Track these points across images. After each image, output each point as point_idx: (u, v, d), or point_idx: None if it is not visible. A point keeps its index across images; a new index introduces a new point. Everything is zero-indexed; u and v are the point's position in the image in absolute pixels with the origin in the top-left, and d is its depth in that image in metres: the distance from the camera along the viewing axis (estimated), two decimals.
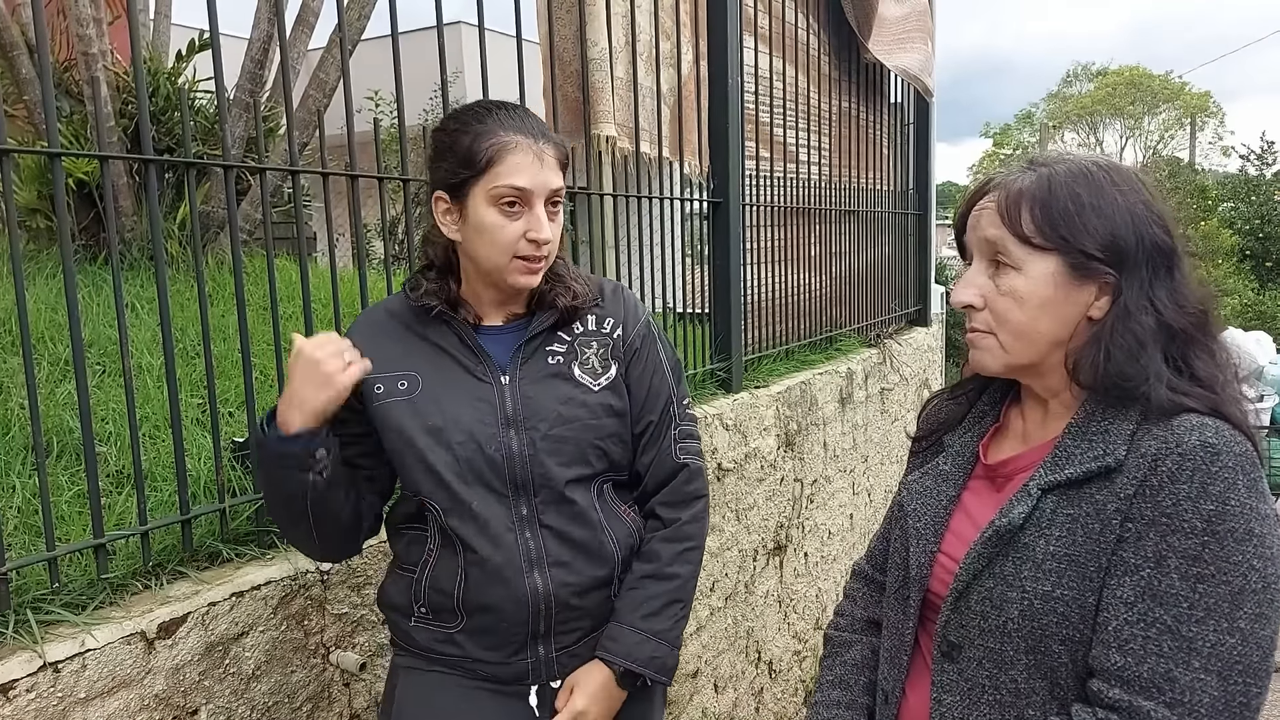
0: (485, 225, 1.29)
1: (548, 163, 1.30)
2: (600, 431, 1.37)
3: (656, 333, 1.47)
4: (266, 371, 2.45)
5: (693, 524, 1.43)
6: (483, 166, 1.27)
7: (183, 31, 4.28)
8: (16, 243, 1.38)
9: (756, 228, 3.38)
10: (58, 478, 1.80)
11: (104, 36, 3.42)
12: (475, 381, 1.34)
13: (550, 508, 1.34)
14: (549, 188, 1.30)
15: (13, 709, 1.24)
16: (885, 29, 4.28)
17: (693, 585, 1.42)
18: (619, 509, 1.41)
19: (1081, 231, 0.97)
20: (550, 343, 1.38)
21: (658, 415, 1.42)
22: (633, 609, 1.37)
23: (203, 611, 1.47)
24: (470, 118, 1.32)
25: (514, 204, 1.28)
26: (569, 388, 1.36)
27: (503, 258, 1.30)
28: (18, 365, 2.25)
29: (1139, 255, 0.97)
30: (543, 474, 1.33)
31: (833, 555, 3.78)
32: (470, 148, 1.28)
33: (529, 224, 1.28)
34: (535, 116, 1.36)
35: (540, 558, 1.33)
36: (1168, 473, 0.90)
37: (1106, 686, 0.91)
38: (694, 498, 1.44)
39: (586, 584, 1.35)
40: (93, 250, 3.53)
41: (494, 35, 2.08)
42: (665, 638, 1.37)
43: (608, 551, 1.37)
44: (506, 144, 1.28)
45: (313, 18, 3.76)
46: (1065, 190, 0.99)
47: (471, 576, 1.33)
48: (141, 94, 1.51)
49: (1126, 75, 37.38)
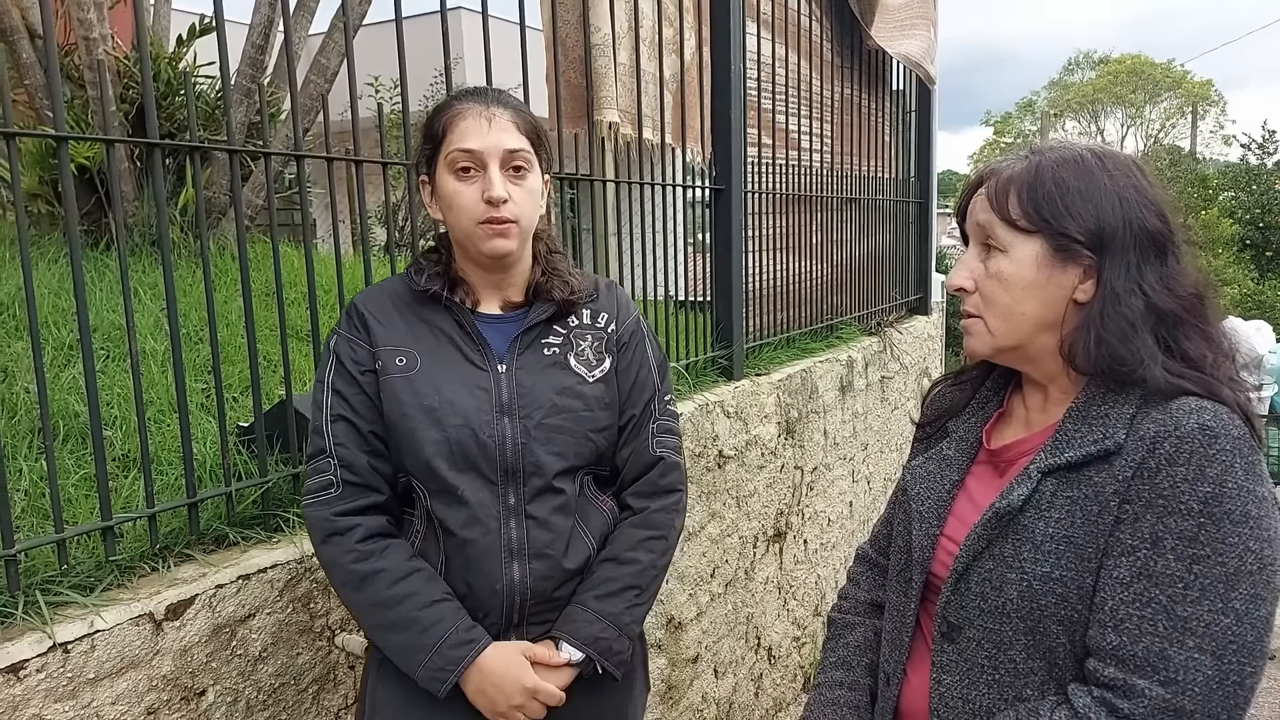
0: (447, 193, 1.34)
1: (498, 124, 1.33)
2: (593, 424, 1.38)
3: (645, 330, 1.50)
4: (270, 356, 2.45)
5: (661, 514, 1.43)
6: (440, 137, 1.34)
7: (183, 17, 4.27)
8: (23, 227, 1.38)
9: (758, 215, 3.39)
10: (64, 461, 1.81)
11: (104, 21, 3.40)
12: (472, 368, 1.36)
13: (537, 498, 1.34)
14: (502, 148, 1.32)
15: (23, 688, 1.26)
16: (888, 16, 4.28)
17: (654, 574, 1.41)
18: (596, 501, 1.42)
19: (1064, 215, 0.99)
20: (547, 334, 1.40)
21: (640, 409, 1.44)
22: (586, 589, 1.37)
23: (210, 594, 1.49)
24: (445, 100, 1.40)
25: (468, 169, 1.32)
26: (565, 378, 1.38)
27: (469, 224, 1.33)
28: (21, 350, 2.26)
29: (1126, 239, 0.99)
30: (533, 463, 1.34)
31: (832, 542, 3.79)
32: (431, 123, 1.36)
33: (483, 185, 1.32)
34: (504, 94, 1.40)
35: (521, 549, 1.33)
36: (1165, 455, 0.91)
37: (1102, 665, 0.93)
38: (667, 490, 1.44)
39: (563, 576, 1.36)
40: (93, 236, 3.53)
41: (495, 21, 2.08)
42: (615, 620, 1.35)
43: (584, 544, 1.38)
44: (459, 111, 1.34)
45: (313, 3, 3.74)
46: (1051, 175, 1.01)
47: (452, 562, 1.34)
48: (147, 78, 1.51)
49: (1128, 63, 37.27)
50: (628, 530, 1.41)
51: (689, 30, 2.95)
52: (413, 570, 1.32)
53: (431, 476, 1.32)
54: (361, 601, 1.32)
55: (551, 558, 1.34)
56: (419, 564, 1.33)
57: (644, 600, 1.40)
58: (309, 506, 1.34)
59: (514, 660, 1.31)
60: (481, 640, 1.31)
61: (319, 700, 1.67)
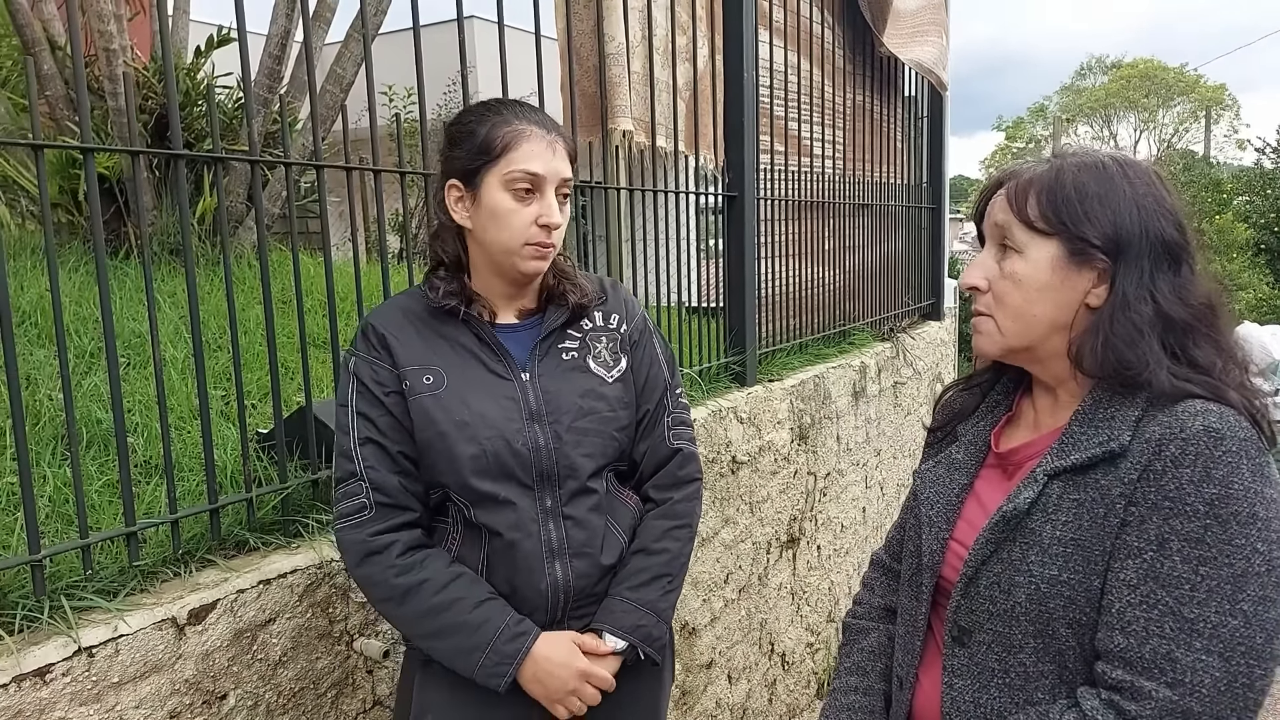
0: (499, 210, 1.34)
1: (559, 152, 1.36)
2: (617, 423, 1.42)
3: (652, 326, 1.53)
4: (289, 364, 2.48)
5: (684, 503, 1.47)
6: (498, 152, 1.33)
7: (200, 28, 4.31)
8: (50, 236, 1.41)
9: (771, 222, 3.40)
10: (87, 467, 1.84)
11: (124, 32, 3.45)
12: (497, 379, 1.38)
13: (573, 499, 1.38)
14: (560, 175, 1.36)
15: (49, 692, 1.28)
16: (900, 22, 4.28)
17: (681, 562, 1.46)
18: (621, 496, 1.46)
19: (1083, 219, 1.00)
20: (563, 339, 1.43)
21: (654, 404, 1.47)
22: (621, 581, 1.41)
23: (231, 599, 1.51)
24: (486, 110, 1.38)
25: (528, 190, 1.33)
26: (587, 380, 1.41)
27: (515, 242, 1.34)
28: (44, 358, 2.29)
29: (1142, 246, 0.99)
30: (568, 465, 1.37)
31: (845, 548, 3.79)
32: (487, 135, 1.34)
33: (541, 209, 1.34)
34: (546, 114, 1.41)
35: (562, 549, 1.37)
36: (1171, 457, 0.92)
37: (1110, 668, 0.93)
38: (687, 480, 1.49)
39: (601, 572, 1.40)
40: (112, 245, 3.57)
41: (510, 30, 2.10)
42: (652, 608, 1.40)
43: (617, 539, 1.42)
44: (522, 132, 1.34)
45: (329, 14, 3.78)
46: (1072, 179, 1.02)
47: (494, 564, 1.37)
48: (170, 89, 1.54)
49: (1141, 68, 37.11)
50: (654, 522, 1.45)
51: (702, 38, 2.96)
52: (455, 576, 1.35)
53: (471, 489, 1.35)
54: (407, 614, 1.34)
55: (590, 555, 1.38)
56: (459, 569, 1.36)
57: (675, 587, 1.44)
58: (343, 530, 1.36)
59: (565, 647, 1.35)
60: (532, 632, 1.34)
61: (338, 704, 1.68)
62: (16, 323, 2.61)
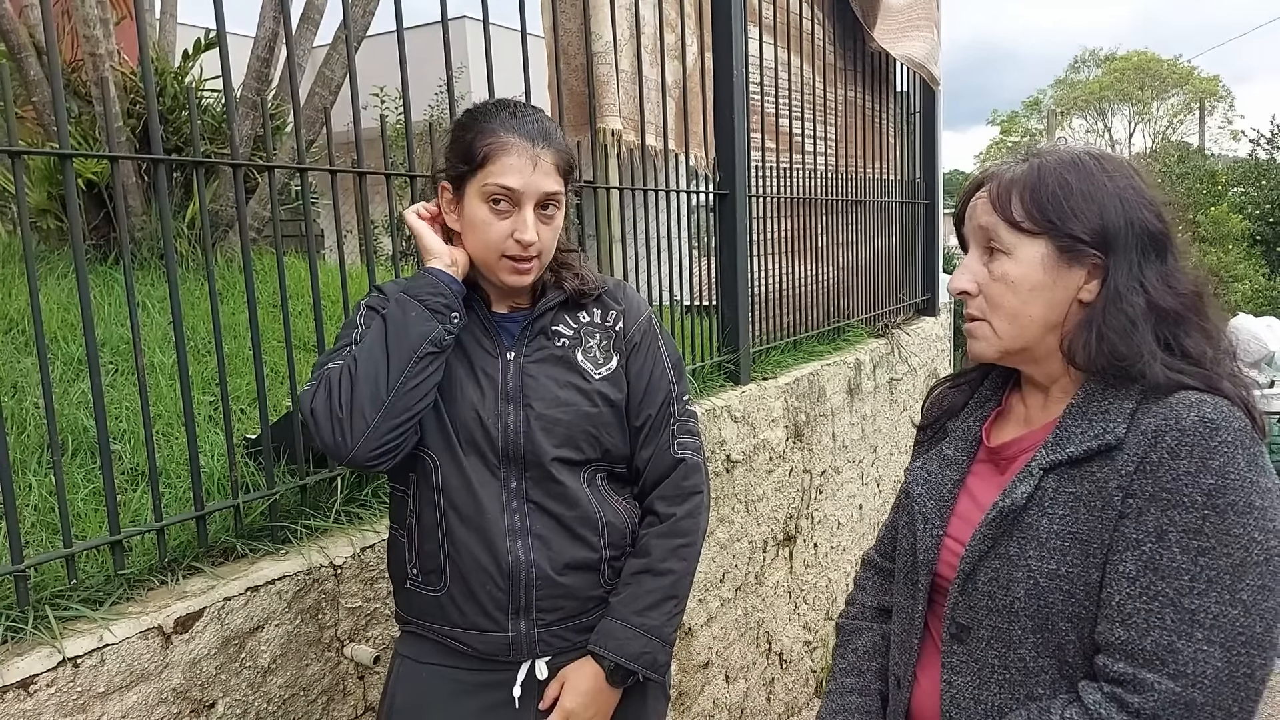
0: (476, 220, 1.33)
1: (542, 166, 1.33)
2: (596, 420, 1.40)
3: (658, 329, 1.50)
4: (277, 368, 2.46)
5: (688, 519, 1.44)
6: (478, 163, 1.32)
7: (188, 31, 4.30)
8: (30, 243, 1.39)
9: (763, 219, 3.39)
10: (72, 475, 1.82)
11: (110, 37, 3.43)
12: (484, 354, 1.39)
13: (537, 485, 1.37)
14: (540, 190, 1.32)
15: (33, 703, 1.26)
16: (890, 18, 4.27)
17: (687, 582, 1.43)
18: (612, 499, 1.43)
19: (1069, 215, 1.00)
20: (556, 323, 1.42)
21: (656, 410, 1.44)
22: (625, 604, 1.38)
23: (218, 606, 1.49)
24: (480, 114, 1.36)
25: (502, 203, 1.31)
26: (569, 373, 1.40)
27: (491, 255, 1.34)
28: (30, 365, 2.27)
29: (1128, 239, 1.00)
30: (533, 449, 1.36)
31: (842, 546, 3.78)
32: (470, 144, 1.33)
33: (515, 225, 1.32)
34: (545, 120, 1.38)
35: (525, 529, 1.36)
36: (1167, 448, 0.91)
37: (1111, 660, 0.92)
38: (691, 493, 1.45)
39: (567, 561, 1.37)
40: (102, 250, 3.55)
41: (498, 30, 2.08)
42: (657, 634, 1.38)
43: (592, 534, 1.39)
44: (503, 144, 1.31)
45: (317, 15, 3.76)
46: (1054, 177, 1.02)
47: (455, 533, 1.35)
48: (150, 94, 1.52)
49: (1135, 60, 37.11)
50: (658, 540, 1.42)
51: (690, 36, 2.95)
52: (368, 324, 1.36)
53: (440, 453, 1.36)
54: (361, 374, 1.29)
55: (553, 542, 1.37)
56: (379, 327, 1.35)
57: (681, 608, 1.43)
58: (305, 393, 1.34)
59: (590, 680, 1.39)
60: None
61: (329, 711, 1.67)
62: (5, 330, 2.60)
